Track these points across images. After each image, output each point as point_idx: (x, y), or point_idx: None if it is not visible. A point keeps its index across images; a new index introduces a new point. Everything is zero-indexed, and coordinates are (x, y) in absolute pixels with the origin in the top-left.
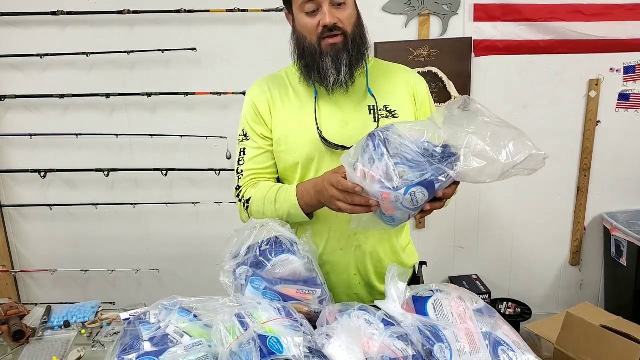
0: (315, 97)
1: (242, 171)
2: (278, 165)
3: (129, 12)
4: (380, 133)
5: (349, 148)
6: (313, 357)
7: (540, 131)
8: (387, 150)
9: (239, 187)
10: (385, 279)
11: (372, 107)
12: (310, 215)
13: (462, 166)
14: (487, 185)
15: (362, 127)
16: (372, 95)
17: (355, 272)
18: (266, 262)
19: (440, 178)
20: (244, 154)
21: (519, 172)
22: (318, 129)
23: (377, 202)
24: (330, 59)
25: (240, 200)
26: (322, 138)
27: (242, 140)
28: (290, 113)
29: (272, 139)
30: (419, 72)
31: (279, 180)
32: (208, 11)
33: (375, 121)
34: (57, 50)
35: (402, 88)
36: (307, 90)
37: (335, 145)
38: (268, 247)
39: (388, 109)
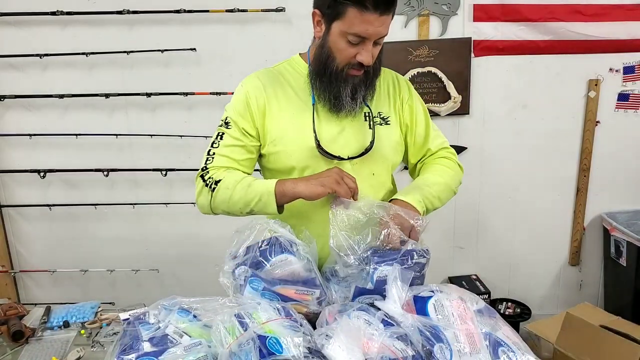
0: (314, 104)
1: (214, 154)
2: (272, 165)
3: (128, 12)
4: None
5: (345, 159)
6: (312, 358)
7: (540, 131)
8: None
9: (206, 168)
10: (387, 279)
11: (367, 114)
12: (280, 208)
13: None
14: (487, 185)
15: (358, 134)
16: (367, 106)
17: None
18: (265, 263)
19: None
20: (221, 139)
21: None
22: (316, 139)
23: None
24: (350, 87)
25: (204, 181)
26: (320, 147)
27: (221, 126)
28: (288, 114)
29: (254, 137)
30: (418, 72)
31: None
32: (207, 11)
33: (370, 128)
34: (57, 50)
35: (391, 94)
36: (304, 94)
37: (332, 155)
38: (267, 247)
39: (381, 116)
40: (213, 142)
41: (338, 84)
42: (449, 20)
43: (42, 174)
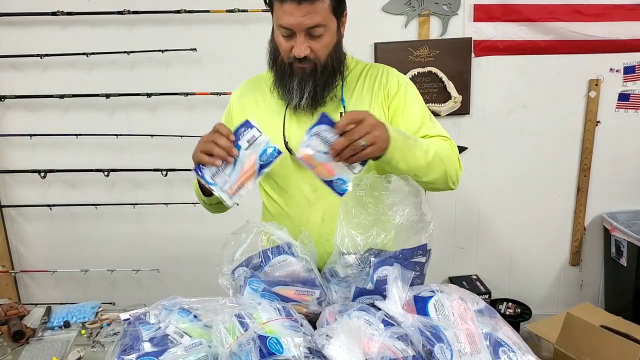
0: (287, 105)
1: None
2: None
3: (129, 12)
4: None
5: None
6: (313, 358)
7: (540, 131)
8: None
9: None
10: (387, 279)
11: (342, 114)
12: (205, 192)
13: None
14: (487, 185)
15: None
16: (343, 106)
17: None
18: (264, 263)
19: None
20: None
21: None
22: (285, 139)
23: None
24: (297, 81)
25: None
26: (288, 149)
27: None
28: (263, 118)
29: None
30: (418, 72)
31: None
32: (208, 11)
33: None
34: (57, 51)
35: (375, 89)
36: (280, 96)
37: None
38: (266, 248)
39: None
40: None
41: (285, 77)
42: (450, 20)
43: (42, 174)
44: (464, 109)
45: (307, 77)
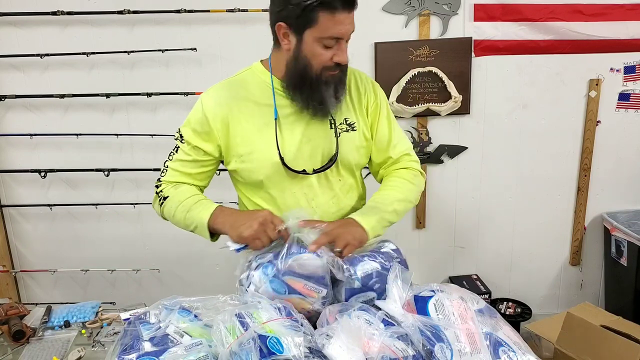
0: (276, 119)
1: (167, 167)
2: (242, 179)
3: (129, 12)
4: None
5: (309, 173)
6: (313, 357)
7: (540, 131)
8: None
9: (160, 181)
10: (387, 279)
11: (332, 122)
12: (213, 235)
13: None
14: (487, 185)
15: (324, 142)
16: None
17: None
18: (288, 256)
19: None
20: (176, 152)
21: None
22: (280, 155)
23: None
24: (332, 88)
25: (157, 194)
26: (284, 164)
27: (177, 139)
28: (253, 128)
29: (210, 155)
30: (419, 72)
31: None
32: (208, 11)
33: (335, 136)
34: (57, 50)
35: (355, 98)
36: (267, 106)
37: (296, 171)
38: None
39: (348, 122)
40: (170, 154)
41: (320, 89)
42: (450, 20)
43: (42, 173)
44: (464, 109)
45: (339, 81)
